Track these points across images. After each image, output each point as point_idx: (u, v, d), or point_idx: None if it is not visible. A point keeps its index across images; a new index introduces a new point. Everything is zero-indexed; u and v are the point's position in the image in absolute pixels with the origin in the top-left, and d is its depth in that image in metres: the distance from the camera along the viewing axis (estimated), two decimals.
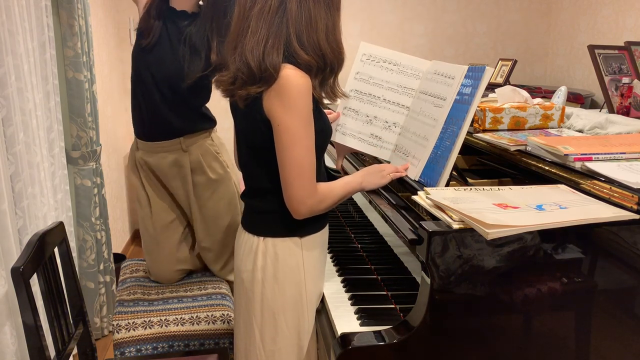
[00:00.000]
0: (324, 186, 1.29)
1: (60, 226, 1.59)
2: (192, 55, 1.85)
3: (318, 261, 1.38)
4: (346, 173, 1.65)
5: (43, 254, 1.46)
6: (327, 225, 1.43)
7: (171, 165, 1.95)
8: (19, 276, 1.31)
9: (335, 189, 1.30)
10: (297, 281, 1.33)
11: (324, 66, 1.26)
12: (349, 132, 1.63)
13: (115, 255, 3.12)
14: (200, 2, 1.91)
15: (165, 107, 1.90)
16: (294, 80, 1.18)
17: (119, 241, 3.69)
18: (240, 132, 1.33)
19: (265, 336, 1.35)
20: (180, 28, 1.86)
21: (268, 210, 1.33)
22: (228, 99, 1.34)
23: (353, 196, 2.27)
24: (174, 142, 1.94)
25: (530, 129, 1.62)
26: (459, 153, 1.34)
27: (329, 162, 2.48)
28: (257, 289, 1.33)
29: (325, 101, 1.35)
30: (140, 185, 2.02)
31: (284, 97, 1.19)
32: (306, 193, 1.23)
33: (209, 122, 2.03)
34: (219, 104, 1.74)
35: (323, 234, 1.40)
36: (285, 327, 1.34)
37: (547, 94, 2.80)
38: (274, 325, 1.34)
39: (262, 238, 1.32)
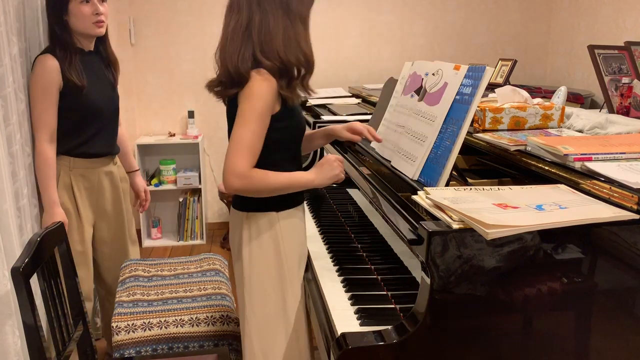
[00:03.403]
0: (259, 171, 1.46)
1: (60, 226, 1.59)
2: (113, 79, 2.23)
3: (294, 231, 1.59)
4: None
5: (43, 254, 1.46)
6: (304, 203, 1.66)
7: (106, 177, 2.23)
8: (19, 276, 1.31)
9: (271, 177, 1.47)
10: (276, 247, 1.55)
11: (287, 71, 1.48)
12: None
13: None
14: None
15: (116, 125, 2.25)
16: (258, 80, 1.44)
17: None
18: (229, 127, 1.56)
19: (253, 300, 1.56)
20: (93, 64, 2.14)
21: None
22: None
23: (353, 196, 2.28)
24: (111, 156, 2.25)
25: (530, 129, 1.62)
26: (459, 153, 1.34)
27: None
28: (245, 255, 1.56)
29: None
30: (73, 206, 2.13)
31: (247, 90, 1.44)
32: (236, 168, 1.42)
33: None
34: (218, 105, 1.76)
35: (298, 210, 1.61)
36: (272, 290, 1.55)
37: (547, 94, 2.80)
38: (262, 288, 1.55)
39: (245, 213, 1.56)
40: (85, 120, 2.10)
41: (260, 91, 1.44)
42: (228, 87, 1.49)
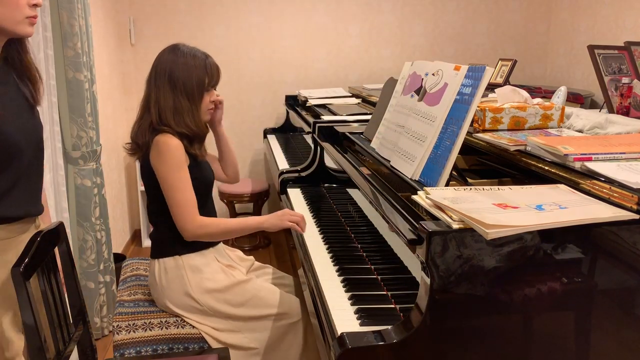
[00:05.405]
0: (210, 220, 1.76)
1: (60, 226, 1.58)
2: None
3: (199, 271, 1.82)
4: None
5: (43, 254, 1.46)
6: (208, 249, 1.85)
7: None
8: (19, 276, 1.31)
9: (221, 222, 1.78)
10: (182, 282, 1.80)
11: (184, 136, 1.75)
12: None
13: (115, 255, 3.12)
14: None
15: (41, 169, 1.57)
16: (164, 141, 1.71)
17: (119, 241, 3.69)
18: (144, 181, 1.84)
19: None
20: (4, 79, 1.43)
21: (158, 238, 1.86)
22: None
23: (353, 196, 2.28)
24: (33, 217, 1.57)
25: (530, 129, 1.62)
26: (459, 153, 1.34)
27: (329, 162, 2.48)
28: (160, 288, 1.83)
29: None
30: None
31: (158, 153, 1.72)
32: (185, 221, 1.73)
33: None
34: None
35: (202, 255, 1.83)
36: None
37: (547, 94, 2.80)
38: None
39: (156, 260, 1.84)
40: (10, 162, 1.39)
41: (170, 148, 1.70)
42: (137, 152, 1.79)
